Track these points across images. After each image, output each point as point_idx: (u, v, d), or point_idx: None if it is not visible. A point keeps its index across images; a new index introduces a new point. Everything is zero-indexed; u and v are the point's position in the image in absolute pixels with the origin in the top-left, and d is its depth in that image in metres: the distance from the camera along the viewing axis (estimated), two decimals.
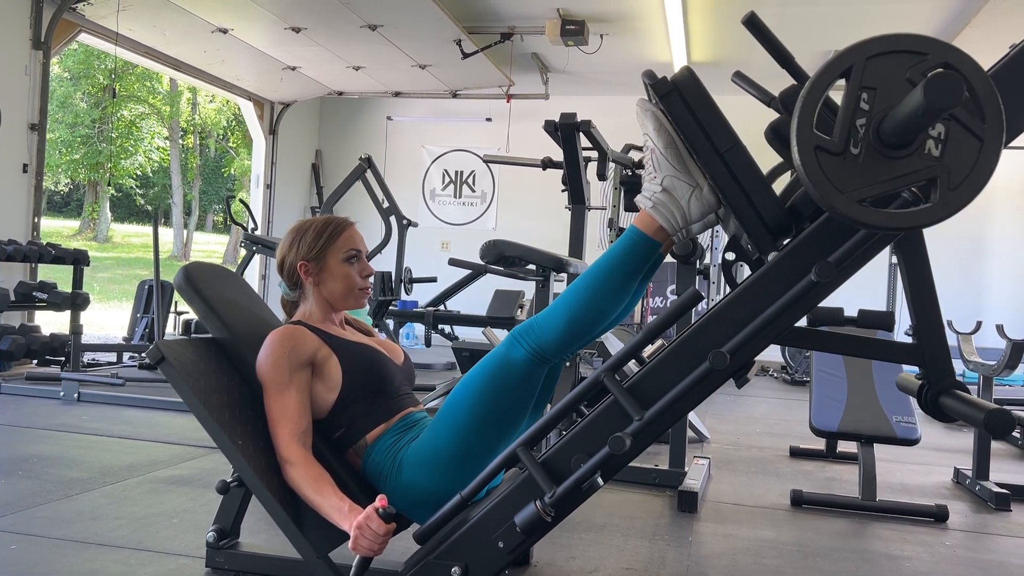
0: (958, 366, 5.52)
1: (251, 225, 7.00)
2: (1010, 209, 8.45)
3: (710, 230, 3.53)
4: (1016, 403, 5.06)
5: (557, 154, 3.41)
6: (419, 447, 1.79)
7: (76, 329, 5.07)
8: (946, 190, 1.28)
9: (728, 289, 1.63)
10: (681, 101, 1.53)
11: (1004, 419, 1.39)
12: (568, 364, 3.40)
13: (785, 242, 1.57)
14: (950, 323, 3.98)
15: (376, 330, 2.28)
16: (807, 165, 1.28)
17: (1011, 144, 1.60)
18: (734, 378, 1.64)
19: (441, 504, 1.74)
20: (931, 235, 1.50)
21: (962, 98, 1.22)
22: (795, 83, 1.58)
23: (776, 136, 1.57)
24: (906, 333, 1.97)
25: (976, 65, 1.26)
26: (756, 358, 1.60)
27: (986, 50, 6.71)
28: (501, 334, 6.52)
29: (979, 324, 3.74)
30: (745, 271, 1.65)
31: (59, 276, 5.96)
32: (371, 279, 2.02)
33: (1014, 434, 4.53)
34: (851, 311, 1.78)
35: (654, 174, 1.60)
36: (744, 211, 1.53)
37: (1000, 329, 3.39)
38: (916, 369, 1.58)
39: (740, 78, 1.78)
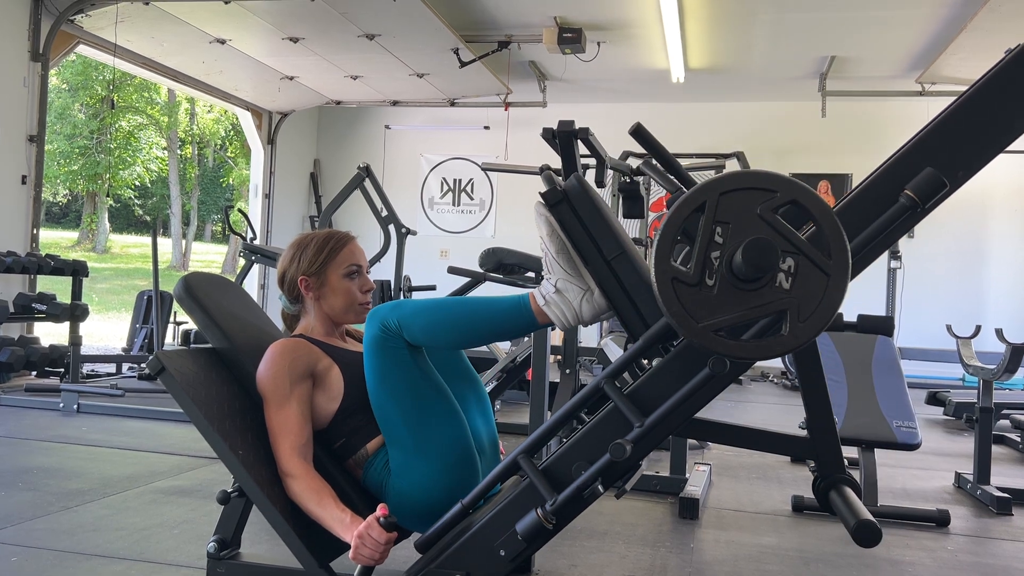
0: (958, 370, 5.51)
1: (250, 235, 7.00)
2: (1009, 213, 8.46)
3: None
4: (1016, 407, 5.05)
5: (555, 162, 3.41)
6: (393, 464, 1.81)
7: (75, 340, 5.07)
8: (795, 322, 1.34)
9: None
10: (571, 209, 1.63)
11: (871, 531, 1.46)
12: (568, 372, 3.40)
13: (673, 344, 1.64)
14: (949, 327, 4.00)
15: None
16: (665, 296, 1.37)
17: (1010, 149, 1.61)
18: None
19: (435, 509, 1.74)
20: (931, 239, 1.52)
21: (776, 264, 1.32)
22: (682, 189, 1.67)
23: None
24: (800, 427, 2.09)
25: (822, 204, 1.33)
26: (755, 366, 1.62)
27: (981, 55, 6.74)
28: (502, 344, 6.52)
29: (978, 328, 3.74)
30: None
31: (58, 287, 5.97)
32: (371, 293, 2.02)
33: (1014, 438, 4.53)
34: (850, 316, 1.78)
35: (548, 275, 1.66)
36: (630, 317, 1.62)
37: (999, 333, 3.39)
38: (912, 374, 1.61)
39: (647, 166, 1.91)
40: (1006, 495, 3.06)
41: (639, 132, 1.62)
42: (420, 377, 1.77)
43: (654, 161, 1.80)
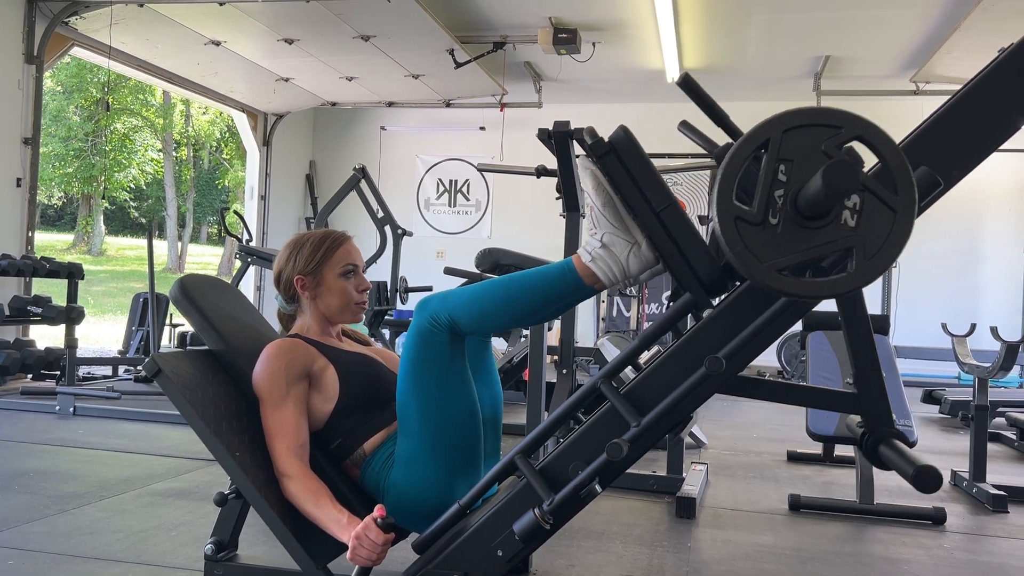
0: (954, 368, 5.54)
1: (246, 236, 7.00)
2: (1004, 212, 8.49)
3: None
4: (1011, 404, 5.07)
5: (551, 162, 3.42)
6: (398, 454, 1.80)
7: (71, 343, 5.06)
8: (862, 259, 1.31)
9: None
10: (618, 161, 1.57)
11: (932, 475, 1.43)
12: (565, 372, 3.40)
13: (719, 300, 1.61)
14: (944, 326, 4.01)
15: (373, 340, 2.28)
16: (728, 235, 1.33)
17: (1004, 147, 1.61)
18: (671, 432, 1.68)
19: (432, 510, 1.74)
20: (926, 238, 1.53)
21: (857, 186, 1.27)
22: (730, 141, 1.62)
23: None
24: (847, 383, 2.02)
25: (887, 138, 1.30)
26: (745, 369, 1.62)
27: (974, 54, 6.76)
28: (499, 343, 6.52)
29: (973, 326, 3.75)
30: None
31: (54, 290, 5.95)
32: (368, 293, 2.02)
33: (1010, 435, 4.55)
34: None
35: (594, 230, 1.62)
36: (679, 269, 1.57)
37: (994, 331, 3.40)
38: (908, 372, 1.60)
39: (686, 127, 1.83)
40: (1002, 493, 3.07)
41: (687, 82, 1.58)
42: (452, 378, 1.75)
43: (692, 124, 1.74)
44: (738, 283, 1.60)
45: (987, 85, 1.51)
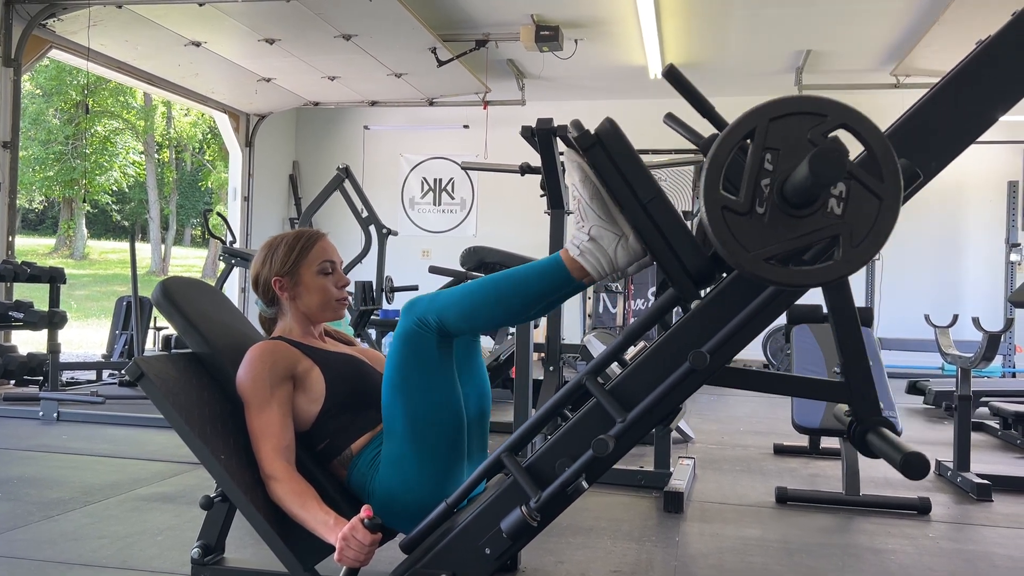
0: (937, 359, 5.59)
1: (229, 238, 6.96)
2: (984, 203, 8.56)
3: None
4: (994, 394, 5.11)
5: (535, 160, 3.42)
6: (384, 455, 1.80)
7: (54, 348, 5.02)
8: (848, 247, 1.32)
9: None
10: (604, 153, 1.56)
11: (919, 462, 1.44)
12: (552, 369, 3.40)
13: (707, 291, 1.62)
14: (927, 317, 4.04)
15: (358, 340, 2.27)
16: (715, 225, 1.33)
17: (983, 139, 1.63)
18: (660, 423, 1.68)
19: (419, 510, 1.74)
20: (908, 231, 1.53)
21: (844, 173, 1.28)
22: (716, 132, 1.62)
23: None
24: (834, 371, 2.06)
25: (872, 126, 1.30)
26: (735, 359, 1.62)
27: (954, 47, 6.80)
28: (486, 341, 6.52)
29: (955, 317, 3.78)
30: None
31: (35, 295, 5.90)
32: (348, 289, 2.01)
33: (993, 425, 4.59)
34: None
35: (581, 223, 1.62)
36: (667, 260, 1.57)
37: (976, 322, 3.43)
38: (892, 364, 1.61)
39: (671, 119, 1.83)
40: (986, 482, 3.10)
41: (672, 73, 1.58)
42: (438, 381, 1.74)
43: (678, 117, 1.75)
44: (725, 274, 1.60)
45: (964, 78, 1.52)
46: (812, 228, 1.33)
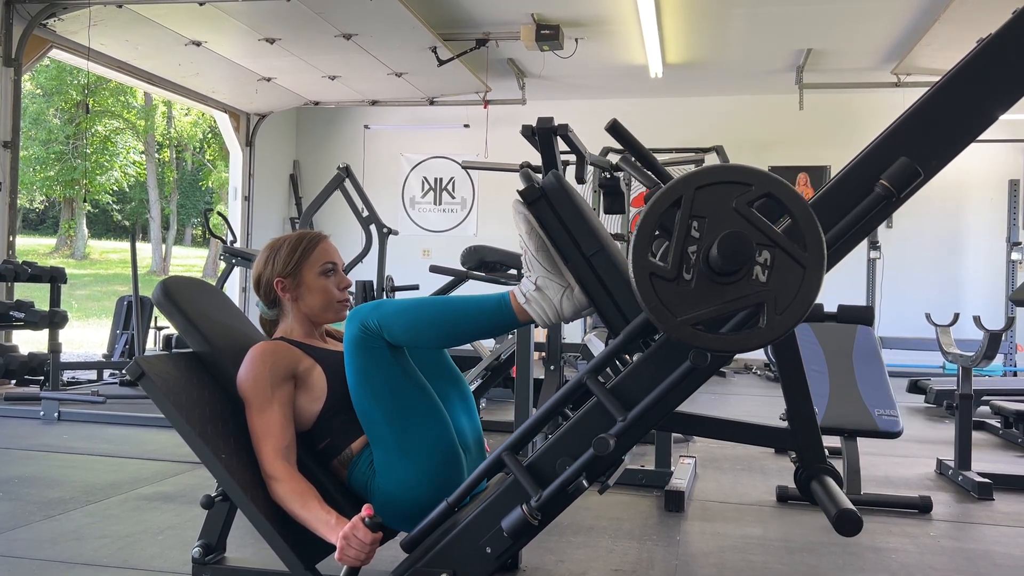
0: (938, 358, 5.60)
1: (230, 238, 6.96)
2: (985, 202, 8.56)
3: None
4: (995, 393, 5.11)
5: (536, 159, 3.41)
6: (377, 463, 1.80)
7: (55, 347, 5.02)
8: (772, 314, 1.35)
9: None
10: (549, 207, 1.62)
11: (851, 520, 1.47)
12: (552, 368, 3.40)
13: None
14: (928, 316, 4.03)
15: None
16: (643, 290, 1.37)
17: (983, 138, 1.63)
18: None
19: (420, 509, 1.74)
20: (909, 229, 1.54)
21: (752, 257, 1.32)
22: (659, 184, 1.66)
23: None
24: (780, 418, 2.12)
25: (795, 195, 1.34)
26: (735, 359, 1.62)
27: (954, 46, 6.80)
28: (486, 342, 6.51)
29: (956, 316, 3.77)
30: None
31: (36, 294, 5.90)
32: (350, 290, 2.02)
33: (994, 423, 4.59)
34: (830, 306, 1.79)
35: (529, 273, 1.67)
36: (610, 314, 1.62)
37: (977, 320, 3.43)
38: (893, 363, 1.63)
39: (626, 163, 1.88)
40: (987, 480, 3.10)
41: (615, 128, 1.62)
42: (401, 377, 1.76)
43: (632, 158, 1.79)
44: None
45: (965, 76, 1.52)
46: (737, 295, 1.36)
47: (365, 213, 6.45)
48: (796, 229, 1.34)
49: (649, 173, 1.78)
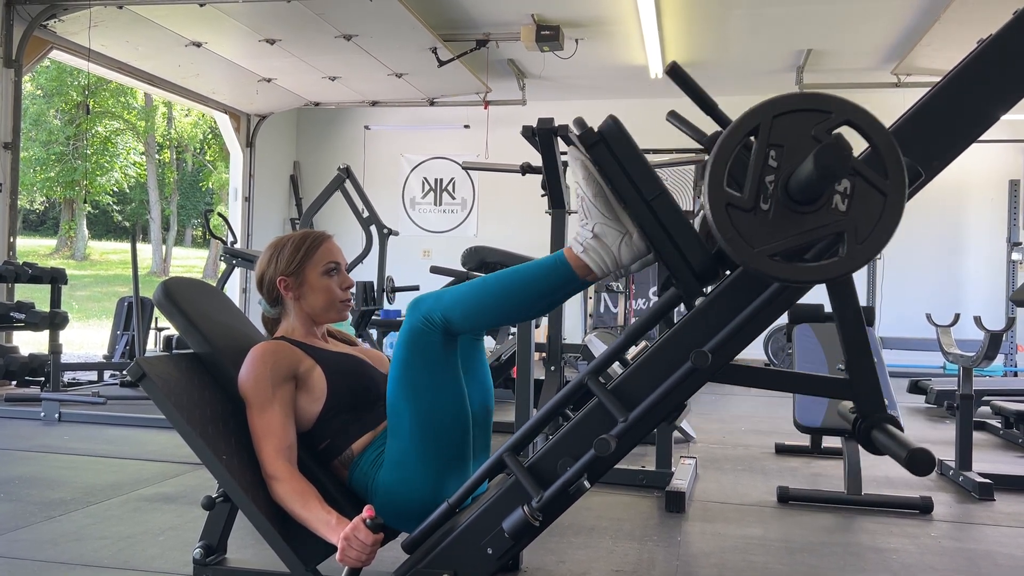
0: (939, 358, 5.61)
1: (230, 239, 6.96)
2: (986, 202, 8.56)
3: None
4: (996, 393, 5.11)
5: (536, 159, 3.41)
6: (388, 454, 1.80)
7: (55, 348, 5.02)
8: (853, 244, 1.32)
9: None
10: (608, 151, 1.56)
11: (925, 458, 1.43)
12: (553, 369, 3.40)
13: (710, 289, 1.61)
14: (929, 316, 4.03)
15: (360, 340, 2.27)
16: (719, 222, 1.33)
17: (984, 138, 1.63)
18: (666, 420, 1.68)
19: (422, 510, 1.74)
20: (910, 230, 1.53)
21: (849, 169, 1.28)
22: (720, 130, 1.62)
23: None
24: (838, 369, 2.05)
25: (876, 123, 1.30)
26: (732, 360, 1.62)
27: (955, 46, 6.79)
28: (487, 341, 6.52)
29: (957, 316, 3.77)
30: None
31: (37, 295, 5.90)
32: (352, 291, 2.02)
33: (995, 424, 4.59)
34: (830, 306, 1.79)
35: (585, 220, 1.62)
36: (671, 257, 1.57)
37: (978, 321, 3.42)
38: (894, 363, 1.61)
39: (675, 117, 1.82)
40: (988, 481, 3.09)
41: (675, 71, 1.58)
42: (444, 378, 1.74)
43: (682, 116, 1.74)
44: (729, 272, 1.60)
45: (966, 76, 1.52)
46: (816, 224, 1.33)
47: (365, 214, 6.45)
48: (876, 158, 1.30)
49: (696, 128, 1.73)
